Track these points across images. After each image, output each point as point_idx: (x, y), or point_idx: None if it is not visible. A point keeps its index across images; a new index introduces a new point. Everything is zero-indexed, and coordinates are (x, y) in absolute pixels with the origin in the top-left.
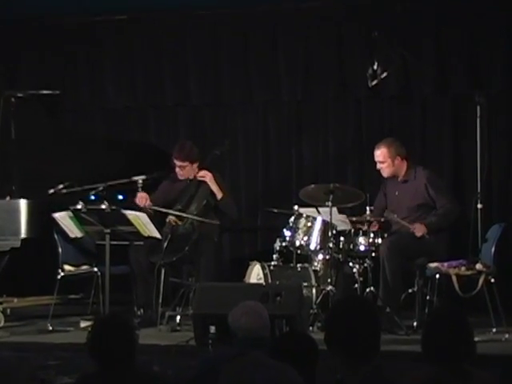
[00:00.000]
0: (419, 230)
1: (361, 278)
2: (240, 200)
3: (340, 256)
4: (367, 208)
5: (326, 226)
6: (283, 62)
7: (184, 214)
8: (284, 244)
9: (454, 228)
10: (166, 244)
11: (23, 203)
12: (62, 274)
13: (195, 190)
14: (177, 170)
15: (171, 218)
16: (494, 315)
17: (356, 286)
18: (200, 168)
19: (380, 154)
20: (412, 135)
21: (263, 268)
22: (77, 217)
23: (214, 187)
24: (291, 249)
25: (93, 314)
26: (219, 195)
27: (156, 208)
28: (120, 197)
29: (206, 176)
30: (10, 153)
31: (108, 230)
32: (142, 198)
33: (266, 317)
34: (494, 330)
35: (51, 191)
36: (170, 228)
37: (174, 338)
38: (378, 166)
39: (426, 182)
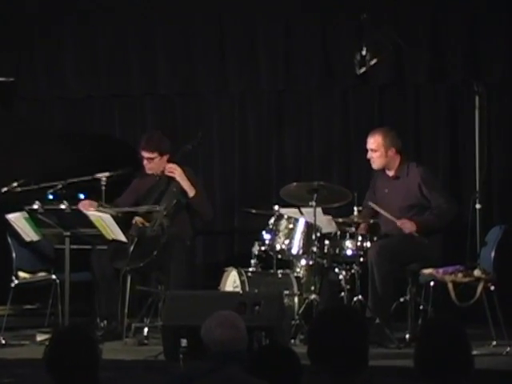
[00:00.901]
0: (406, 225)
1: (348, 286)
2: (214, 200)
3: (325, 261)
4: (355, 208)
5: (310, 228)
6: (262, 48)
7: (152, 209)
8: (263, 248)
9: (450, 230)
10: (132, 248)
11: None
12: (17, 281)
13: (164, 188)
14: (144, 162)
15: (137, 218)
16: (494, 326)
17: (342, 294)
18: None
19: (374, 141)
20: (404, 128)
21: (240, 274)
22: (33, 218)
23: (185, 183)
24: (271, 253)
25: (51, 326)
26: (191, 193)
27: (108, 211)
28: (81, 196)
29: (175, 171)
30: None
31: (68, 233)
32: (84, 204)
33: (244, 328)
34: (494, 342)
35: (4, 190)
36: (137, 230)
37: (141, 353)
38: (369, 154)
39: (420, 180)
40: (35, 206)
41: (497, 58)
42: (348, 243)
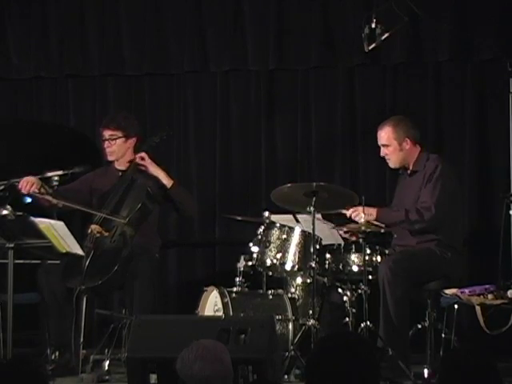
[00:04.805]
0: (359, 213)
1: (353, 309)
2: None
3: (326, 279)
4: (362, 215)
5: (307, 238)
6: (249, 19)
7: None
8: (250, 263)
9: (477, 242)
10: (87, 263)
11: None
12: None
13: (127, 189)
14: (105, 145)
15: (94, 227)
16: None
17: (347, 319)
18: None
19: (384, 135)
20: (423, 116)
21: (222, 295)
22: None
23: (160, 173)
24: (260, 270)
25: None
26: (169, 183)
27: (61, 201)
28: (28, 199)
29: (145, 161)
30: None
31: (11, 245)
32: (27, 181)
33: (229, 362)
34: None
35: None
36: (93, 241)
37: None
38: (382, 152)
39: (433, 170)
40: None
41: None
42: (354, 257)
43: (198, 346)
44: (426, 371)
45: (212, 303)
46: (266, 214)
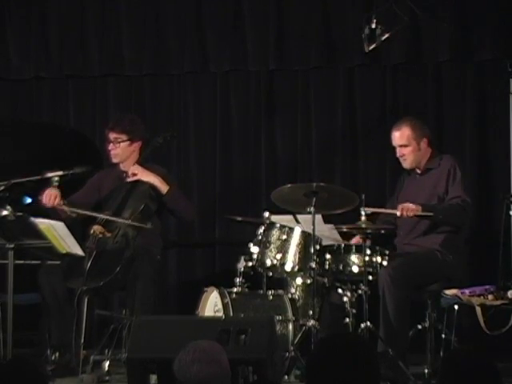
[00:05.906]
0: (408, 207)
1: (353, 310)
2: None
3: (326, 280)
4: (362, 213)
5: (307, 239)
6: (249, 19)
7: (115, 218)
8: (250, 264)
9: (477, 242)
10: (89, 264)
11: None
12: None
13: (129, 191)
14: (110, 147)
15: (96, 227)
16: None
17: (347, 320)
18: (138, 162)
19: (401, 135)
20: (423, 116)
21: (222, 296)
22: None
23: (153, 179)
24: (260, 270)
25: None
26: (164, 189)
27: (75, 210)
28: (28, 200)
29: (136, 171)
30: None
31: (11, 245)
32: (50, 195)
33: (226, 363)
34: None
35: None
36: (95, 242)
37: None
38: (399, 152)
39: (451, 167)
40: None
41: None
42: (354, 258)
43: (194, 347)
44: (426, 371)
45: (212, 304)
46: (266, 214)
